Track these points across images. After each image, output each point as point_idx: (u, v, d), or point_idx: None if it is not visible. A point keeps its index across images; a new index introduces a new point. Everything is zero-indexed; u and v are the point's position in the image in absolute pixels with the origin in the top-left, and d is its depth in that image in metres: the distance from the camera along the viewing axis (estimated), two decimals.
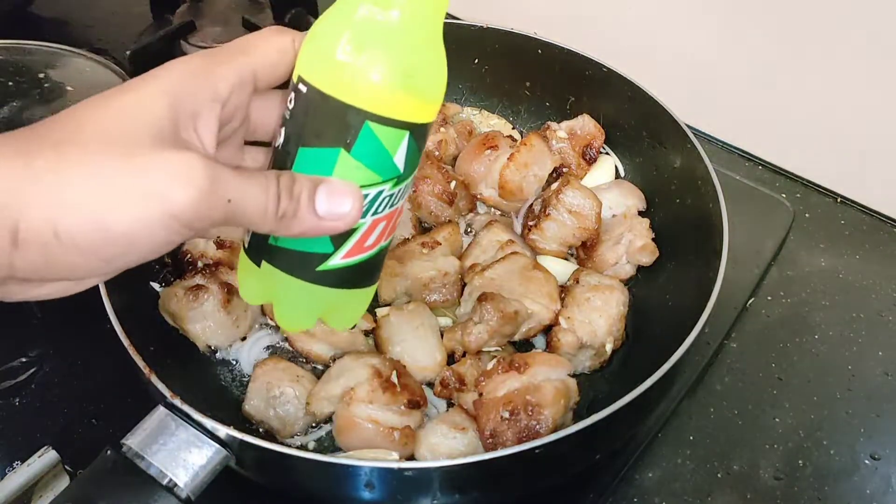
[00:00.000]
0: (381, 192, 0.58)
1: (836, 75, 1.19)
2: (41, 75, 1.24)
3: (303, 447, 0.90)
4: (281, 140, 0.58)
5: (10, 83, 1.22)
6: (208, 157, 0.50)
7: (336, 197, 0.54)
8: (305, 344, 0.96)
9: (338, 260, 0.60)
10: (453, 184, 1.10)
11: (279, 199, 0.52)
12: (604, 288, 0.98)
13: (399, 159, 0.58)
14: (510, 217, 1.14)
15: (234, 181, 0.50)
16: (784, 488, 0.92)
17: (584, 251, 1.07)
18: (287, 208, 0.52)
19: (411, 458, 0.86)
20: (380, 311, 0.99)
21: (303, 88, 0.56)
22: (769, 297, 1.12)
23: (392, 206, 0.60)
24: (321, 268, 0.60)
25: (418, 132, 0.58)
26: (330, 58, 0.55)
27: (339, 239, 0.59)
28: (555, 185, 1.06)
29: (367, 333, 0.97)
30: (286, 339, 0.99)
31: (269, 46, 0.58)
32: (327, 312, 0.66)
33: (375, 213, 0.59)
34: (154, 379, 0.76)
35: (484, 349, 0.94)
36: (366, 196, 0.57)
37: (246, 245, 0.63)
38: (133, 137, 0.49)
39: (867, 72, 1.16)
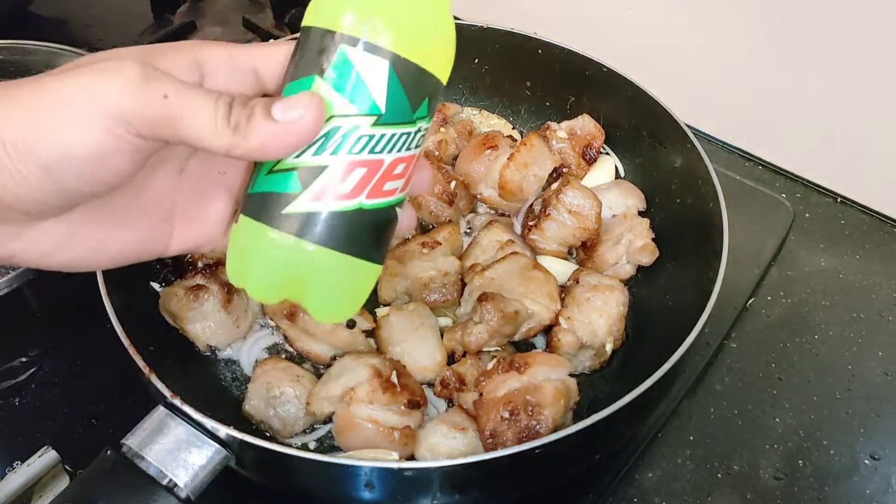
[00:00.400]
0: (356, 128, 0.53)
1: (837, 75, 1.19)
2: None
3: (303, 447, 0.90)
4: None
5: None
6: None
7: (293, 101, 0.51)
8: (305, 344, 0.96)
9: (307, 202, 0.54)
10: (453, 184, 1.11)
11: (231, 108, 0.50)
12: (604, 288, 0.98)
13: (378, 94, 0.54)
14: (510, 217, 1.14)
15: (172, 81, 0.49)
16: (784, 488, 0.92)
17: (584, 251, 1.07)
18: (240, 116, 0.50)
19: (411, 458, 0.86)
20: (380, 311, 0.99)
21: (297, 36, 0.56)
22: (769, 297, 1.12)
23: (373, 151, 0.54)
24: (288, 210, 0.54)
25: (404, 70, 0.54)
26: None
27: (307, 175, 0.54)
28: (555, 185, 1.06)
29: (367, 333, 0.97)
30: (286, 338, 0.99)
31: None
32: (304, 284, 0.57)
33: (350, 152, 0.54)
34: (154, 379, 0.76)
35: (484, 349, 0.94)
36: (337, 128, 0.53)
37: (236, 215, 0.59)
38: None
39: (867, 72, 1.16)
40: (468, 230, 1.12)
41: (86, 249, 0.56)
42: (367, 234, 0.57)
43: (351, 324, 0.95)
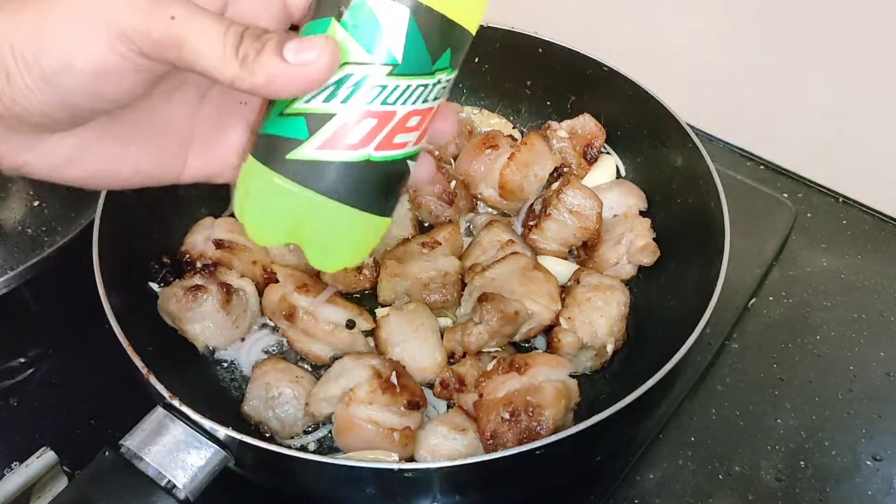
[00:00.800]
0: (369, 77, 0.52)
1: (839, 74, 1.19)
2: None
3: (303, 448, 0.90)
4: None
5: None
6: None
7: (306, 43, 0.50)
8: (304, 344, 0.96)
9: (312, 149, 0.53)
10: (453, 183, 1.10)
11: (241, 39, 0.49)
12: (604, 288, 0.97)
13: (395, 43, 0.52)
14: (510, 217, 1.13)
15: (183, 4, 0.48)
16: (785, 489, 0.92)
17: (584, 251, 1.06)
18: (249, 48, 0.49)
19: (411, 459, 0.86)
20: (379, 312, 0.98)
21: None
22: (771, 298, 1.11)
23: (385, 102, 0.53)
24: (292, 155, 0.53)
25: (425, 18, 0.52)
26: None
27: (315, 122, 0.53)
28: (555, 185, 1.06)
29: (366, 334, 0.97)
30: (285, 338, 0.98)
31: None
32: (305, 232, 0.56)
33: (361, 101, 0.52)
34: (153, 379, 0.76)
35: (484, 350, 0.94)
36: (350, 75, 0.52)
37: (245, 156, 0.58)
38: None
39: (869, 71, 1.16)
40: (469, 230, 1.12)
41: (99, 164, 0.56)
42: (374, 186, 0.55)
43: (350, 324, 0.95)
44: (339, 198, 0.54)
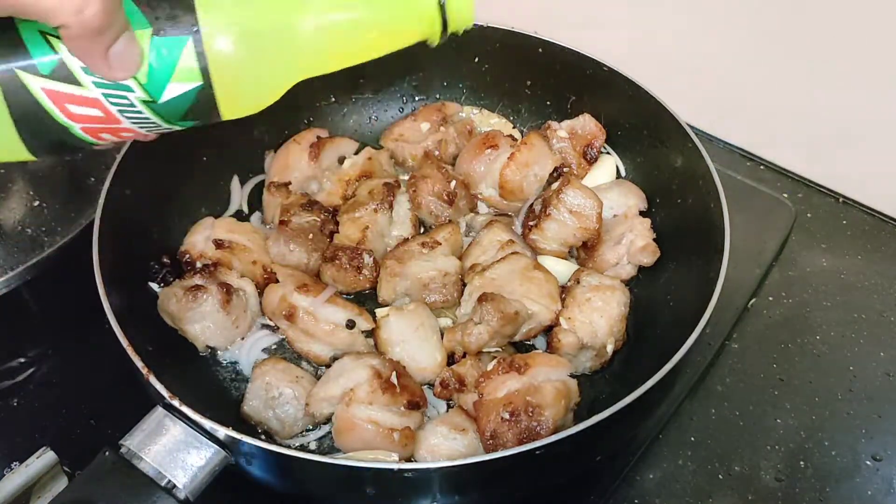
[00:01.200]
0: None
1: (839, 75, 1.19)
2: None
3: (303, 448, 0.90)
4: None
5: None
6: None
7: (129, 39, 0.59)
8: (305, 344, 0.96)
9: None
10: (453, 183, 1.10)
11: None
12: (604, 288, 0.97)
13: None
14: (511, 217, 1.13)
15: None
16: (785, 489, 0.92)
17: (584, 251, 1.06)
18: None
19: (411, 459, 0.86)
20: (379, 312, 0.98)
21: None
22: (770, 298, 1.11)
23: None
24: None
25: None
26: None
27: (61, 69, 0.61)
28: (555, 185, 1.06)
29: (366, 334, 0.97)
30: (285, 338, 0.98)
31: None
32: None
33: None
34: (153, 379, 0.76)
35: (484, 350, 0.94)
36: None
37: None
38: None
39: (869, 72, 1.16)
40: (468, 231, 1.12)
41: None
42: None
43: (350, 324, 0.95)
44: None
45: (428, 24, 0.71)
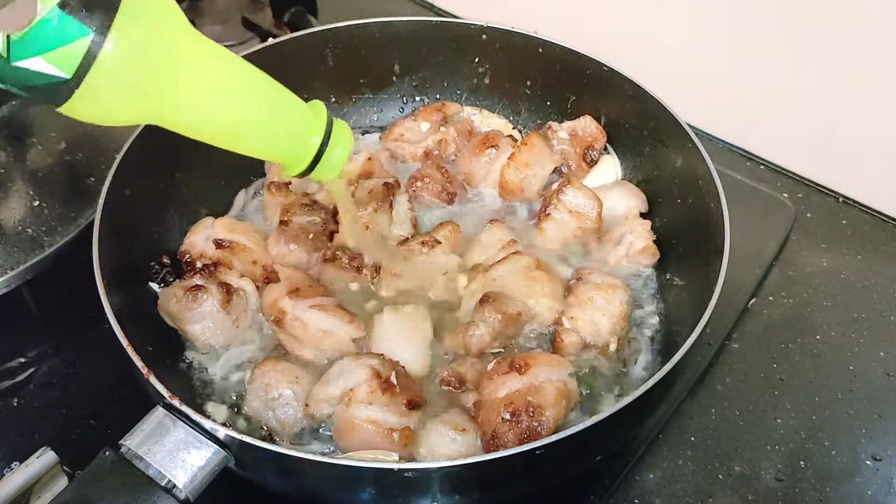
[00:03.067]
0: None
1: (838, 75, 1.18)
2: None
3: (303, 448, 0.90)
4: None
5: None
6: None
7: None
8: (296, 349, 0.94)
9: None
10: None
11: None
12: (606, 287, 0.97)
13: None
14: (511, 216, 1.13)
15: None
16: (785, 489, 0.92)
17: (584, 251, 1.06)
18: None
19: (411, 459, 0.86)
20: (376, 313, 0.97)
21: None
22: (770, 298, 1.11)
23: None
24: None
25: None
26: None
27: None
28: (555, 185, 1.06)
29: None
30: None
31: None
32: None
33: None
34: (153, 379, 0.76)
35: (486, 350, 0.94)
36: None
37: None
38: None
39: (869, 71, 1.16)
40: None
41: None
42: None
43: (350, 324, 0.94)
44: None
45: (297, 157, 0.76)
